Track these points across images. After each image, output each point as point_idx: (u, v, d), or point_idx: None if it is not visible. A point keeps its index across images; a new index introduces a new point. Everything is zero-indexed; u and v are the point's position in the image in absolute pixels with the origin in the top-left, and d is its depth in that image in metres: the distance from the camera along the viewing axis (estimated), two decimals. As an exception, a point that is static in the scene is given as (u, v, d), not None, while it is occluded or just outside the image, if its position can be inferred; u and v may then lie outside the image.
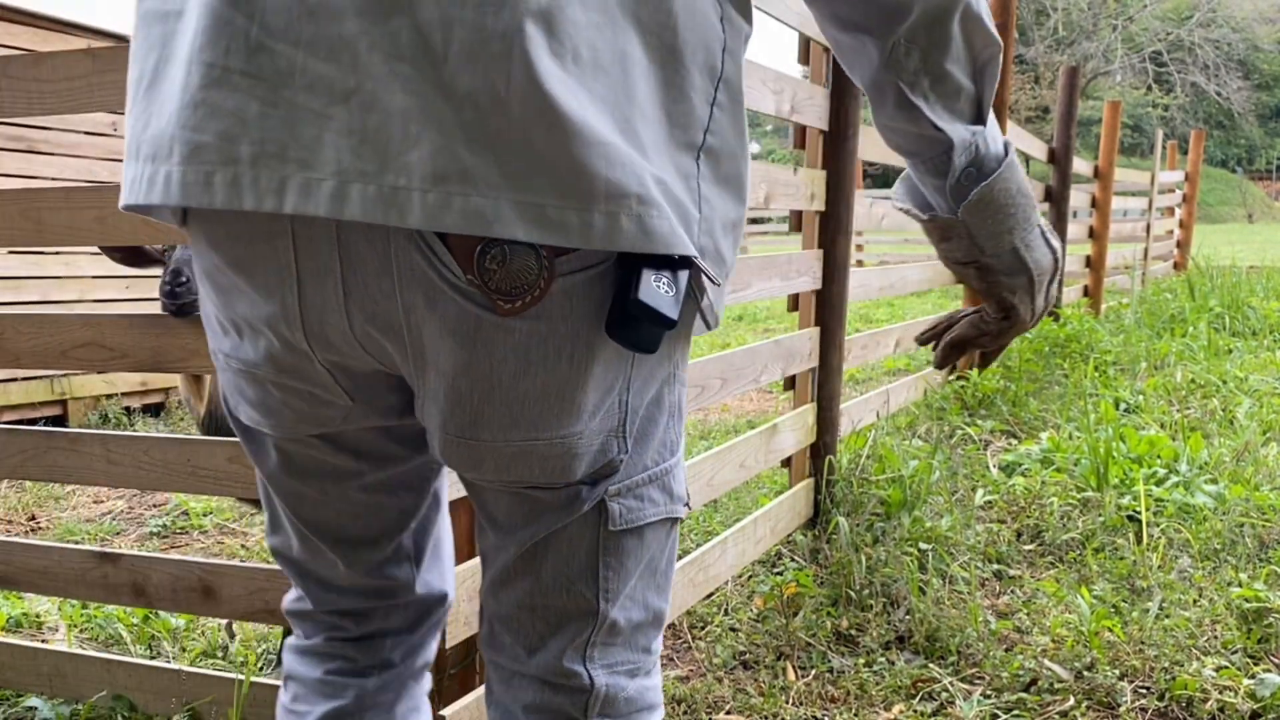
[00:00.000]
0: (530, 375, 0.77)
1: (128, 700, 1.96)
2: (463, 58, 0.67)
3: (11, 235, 1.86)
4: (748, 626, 2.42)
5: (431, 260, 0.73)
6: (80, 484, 2.17)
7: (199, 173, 0.72)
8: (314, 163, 0.69)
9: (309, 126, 0.69)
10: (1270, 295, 7.25)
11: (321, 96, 0.69)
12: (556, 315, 0.75)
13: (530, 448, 0.80)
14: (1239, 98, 37.39)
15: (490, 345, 0.75)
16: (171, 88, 0.74)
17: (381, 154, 0.68)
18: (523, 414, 0.78)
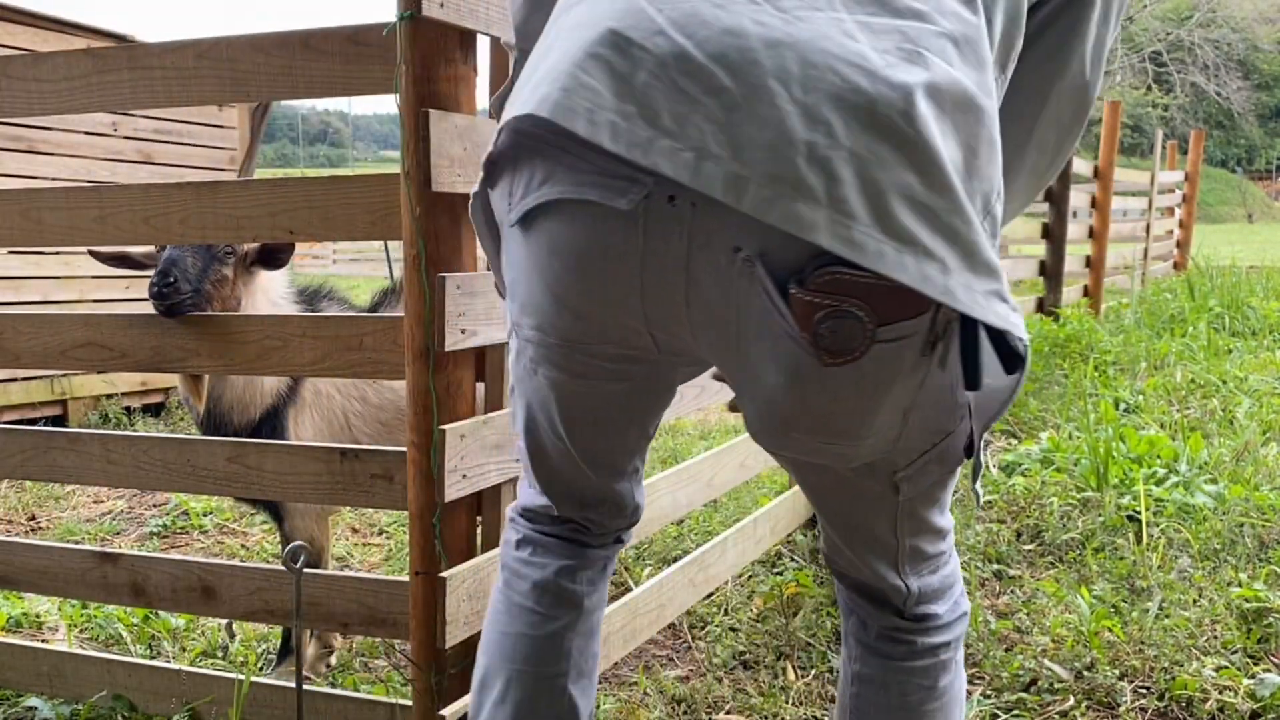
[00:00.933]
0: (837, 404, 0.94)
1: (128, 700, 1.96)
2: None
3: (12, 235, 1.86)
4: (748, 626, 2.42)
5: (770, 308, 0.88)
6: (80, 484, 2.17)
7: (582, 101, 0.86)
8: (679, 134, 0.84)
9: (680, 104, 0.86)
10: (1270, 295, 7.25)
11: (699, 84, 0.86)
12: (867, 368, 0.90)
13: (825, 448, 1.00)
14: (1239, 98, 37.41)
15: (806, 380, 0.92)
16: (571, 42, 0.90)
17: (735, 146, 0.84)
18: (825, 427, 0.97)
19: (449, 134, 1.48)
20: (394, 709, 1.73)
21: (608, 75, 0.86)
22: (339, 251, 19.85)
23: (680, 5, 0.87)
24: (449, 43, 1.48)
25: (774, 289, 0.87)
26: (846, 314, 0.85)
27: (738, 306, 0.91)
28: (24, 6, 4.62)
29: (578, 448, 1.15)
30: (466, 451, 1.56)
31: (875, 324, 0.86)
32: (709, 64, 0.84)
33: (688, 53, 0.85)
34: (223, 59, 1.65)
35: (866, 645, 1.20)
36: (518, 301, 1.04)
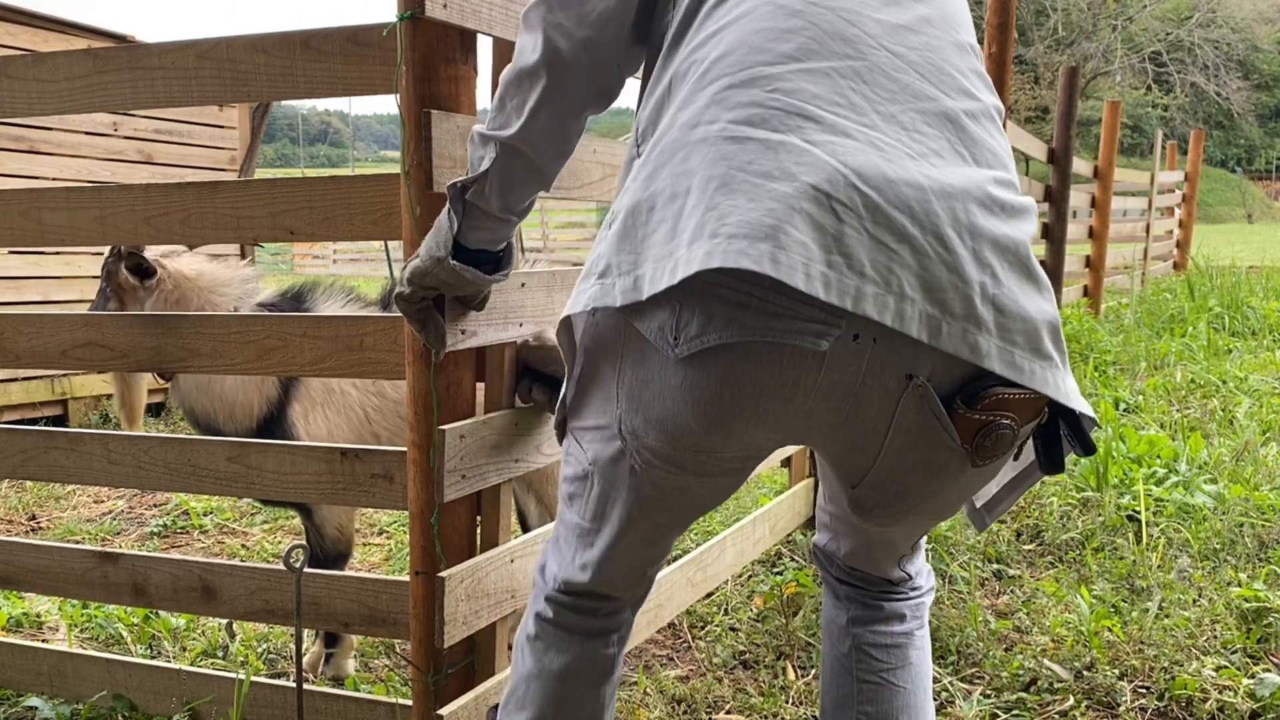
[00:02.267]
0: (963, 491, 1.14)
1: (128, 700, 1.96)
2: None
3: (12, 235, 1.87)
4: (748, 626, 2.42)
5: (933, 425, 1.03)
6: (81, 484, 2.17)
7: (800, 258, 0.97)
8: (886, 283, 0.97)
9: (880, 254, 0.98)
10: (1270, 295, 7.25)
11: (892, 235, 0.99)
12: (996, 464, 1.09)
13: (934, 521, 1.26)
14: (1238, 98, 37.38)
15: (947, 477, 1.09)
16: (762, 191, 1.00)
17: (937, 299, 0.99)
18: (944, 509, 1.20)
19: (451, 134, 1.48)
20: (394, 709, 1.73)
21: (812, 229, 0.94)
22: (339, 251, 19.85)
23: (858, 158, 0.97)
24: (449, 43, 1.48)
25: (941, 409, 1.02)
26: (1003, 426, 1.03)
27: (895, 422, 1.04)
28: (24, 7, 4.62)
29: (663, 532, 1.25)
30: (466, 452, 1.56)
31: (1019, 429, 1.04)
32: (898, 215, 0.96)
33: (879, 205, 0.96)
34: (223, 59, 1.65)
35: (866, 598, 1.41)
36: (645, 416, 1.10)
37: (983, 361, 0.97)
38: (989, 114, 1.09)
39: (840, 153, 0.97)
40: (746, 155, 0.98)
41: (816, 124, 0.99)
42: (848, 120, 1.00)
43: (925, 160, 1.00)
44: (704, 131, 1.02)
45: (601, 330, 1.14)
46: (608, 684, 1.34)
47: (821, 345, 0.98)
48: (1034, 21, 34.79)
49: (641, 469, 1.14)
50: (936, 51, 1.08)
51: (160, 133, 5.20)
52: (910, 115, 1.02)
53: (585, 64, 1.18)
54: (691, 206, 0.99)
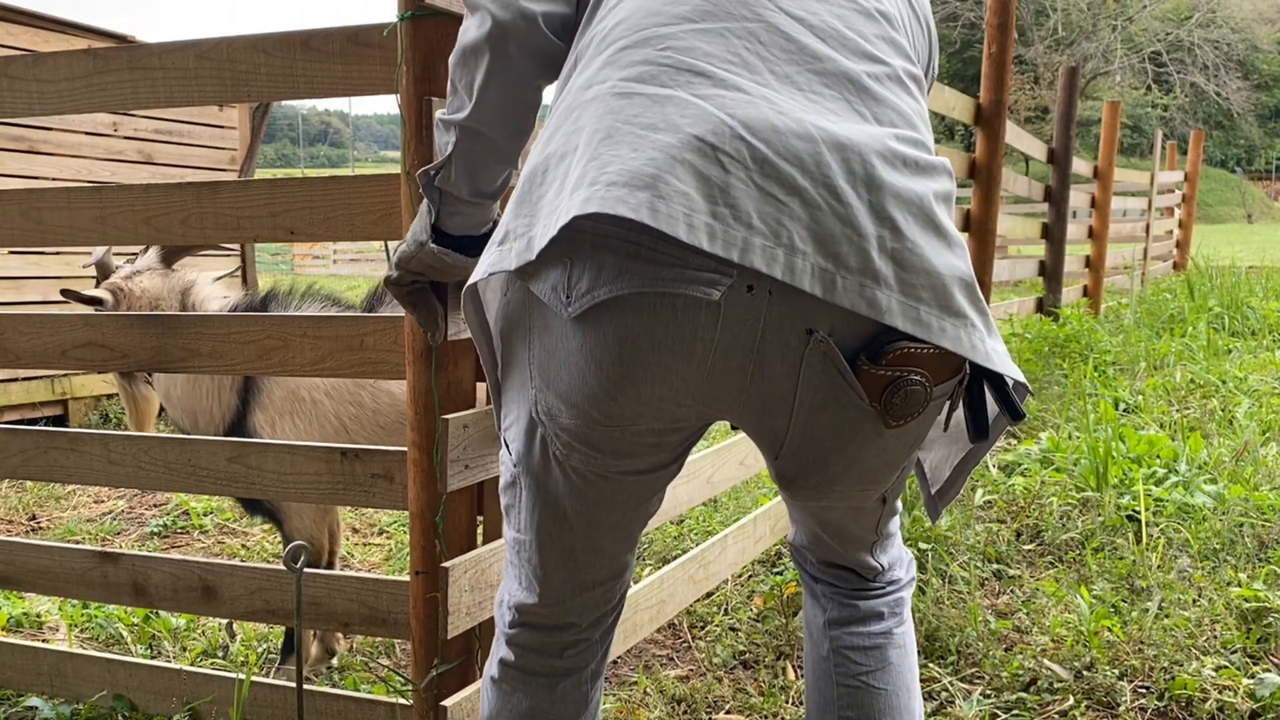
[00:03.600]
0: (884, 456, 1.10)
1: (128, 700, 1.96)
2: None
3: (12, 235, 1.87)
4: (748, 626, 2.42)
5: (838, 382, 1.00)
6: (81, 484, 2.17)
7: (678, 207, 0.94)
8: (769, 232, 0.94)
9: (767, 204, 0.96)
10: (1269, 295, 7.25)
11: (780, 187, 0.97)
12: (914, 425, 1.06)
13: (860, 493, 1.18)
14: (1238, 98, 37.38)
15: (865, 442, 1.06)
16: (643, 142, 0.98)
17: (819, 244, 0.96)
18: (868, 477, 1.14)
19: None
20: (394, 709, 1.73)
21: (696, 179, 0.92)
22: (339, 251, 19.86)
23: (747, 110, 0.96)
24: (449, 42, 1.48)
25: (845, 365, 0.99)
26: (912, 383, 0.99)
27: (802, 381, 1.01)
28: (25, 7, 4.62)
29: (600, 530, 1.18)
30: (469, 442, 1.56)
31: (931, 387, 1.01)
32: (787, 167, 0.94)
33: (768, 157, 0.94)
34: (223, 59, 1.66)
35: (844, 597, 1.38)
36: (555, 390, 1.06)
37: (883, 317, 0.93)
38: (896, 77, 1.06)
39: (728, 105, 0.95)
40: (633, 109, 0.97)
41: (707, 79, 0.98)
42: (740, 77, 0.98)
43: (821, 115, 0.97)
44: (595, 91, 1.02)
45: (511, 308, 1.11)
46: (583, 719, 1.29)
47: (713, 295, 0.95)
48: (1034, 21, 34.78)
49: (562, 455, 1.11)
50: (841, 18, 1.06)
51: (160, 133, 5.20)
52: (806, 76, 1.01)
53: (525, 32, 1.16)
54: (577, 160, 0.98)
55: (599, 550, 1.20)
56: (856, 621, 1.35)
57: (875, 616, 1.36)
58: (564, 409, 1.06)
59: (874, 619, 1.35)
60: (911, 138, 1.02)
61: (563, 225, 0.94)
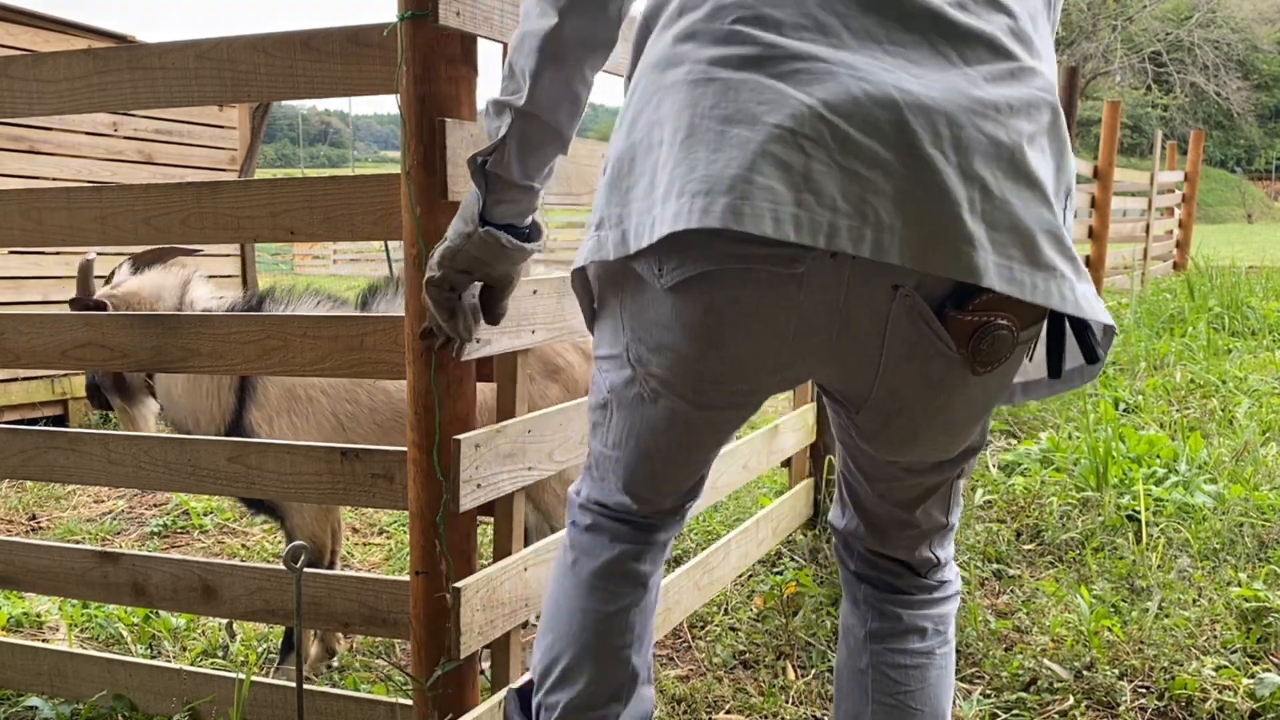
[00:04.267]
0: (969, 405, 1.11)
1: (128, 700, 1.96)
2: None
3: (12, 235, 1.87)
4: (748, 626, 2.42)
5: (926, 334, 1.01)
6: (81, 484, 2.18)
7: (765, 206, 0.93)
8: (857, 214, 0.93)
9: (852, 184, 0.93)
10: (1269, 295, 7.25)
11: (863, 163, 0.93)
12: (999, 371, 1.06)
13: (945, 446, 1.17)
14: (1238, 98, 37.38)
15: (950, 388, 1.07)
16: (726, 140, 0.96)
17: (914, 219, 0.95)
18: (951, 429, 1.14)
19: (465, 143, 1.48)
20: (394, 709, 1.73)
21: (778, 170, 0.93)
22: (339, 251, 19.86)
23: (825, 86, 0.95)
24: (449, 43, 1.48)
25: (932, 316, 1.00)
26: (999, 328, 1.00)
27: (889, 335, 1.02)
28: (25, 7, 4.62)
29: (680, 459, 1.26)
30: (481, 461, 1.56)
31: (1018, 332, 1.01)
32: (869, 141, 0.93)
33: (849, 135, 0.93)
34: (223, 59, 1.65)
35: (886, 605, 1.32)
36: (647, 344, 1.12)
37: (981, 279, 0.93)
38: None
39: (805, 83, 0.95)
40: (709, 99, 0.98)
41: (780, 54, 0.97)
42: (815, 45, 0.97)
43: (904, 72, 0.95)
44: (671, 76, 1.02)
45: (607, 268, 1.16)
46: (637, 609, 1.30)
47: (797, 269, 0.98)
48: (1034, 21, 34.70)
49: (650, 397, 1.16)
50: None
51: (160, 133, 5.20)
52: (884, 23, 0.98)
53: (585, 25, 1.17)
54: (664, 158, 1.00)
55: (679, 465, 1.27)
56: (899, 636, 1.30)
57: (918, 632, 1.30)
58: (654, 361, 1.12)
59: (917, 635, 1.30)
60: (1005, 70, 0.99)
61: (660, 236, 0.98)
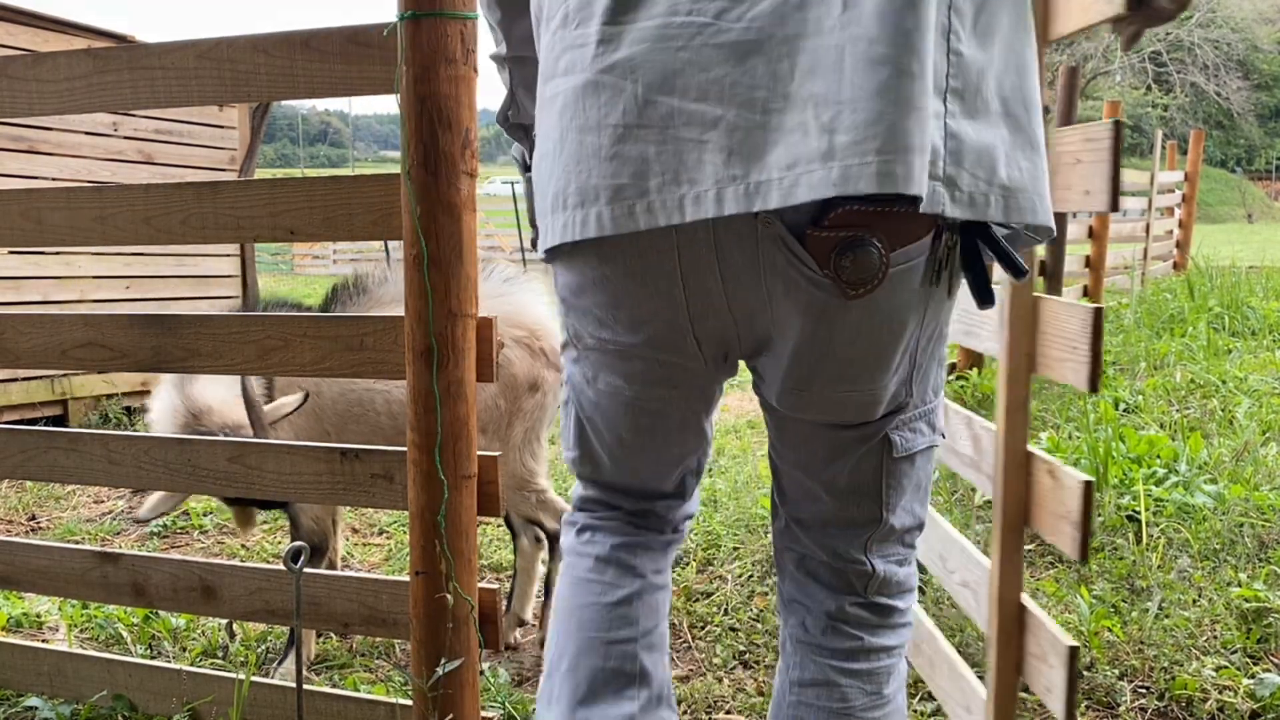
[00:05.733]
0: (859, 343, 1.03)
1: (128, 700, 1.96)
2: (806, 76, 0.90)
3: (12, 235, 1.86)
4: (747, 626, 2.42)
5: (791, 259, 0.98)
6: (81, 484, 2.16)
7: (623, 207, 0.97)
8: (699, 179, 0.93)
9: (692, 153, 0.94)
10: (1270, 295, 7.25)
11: (696, 128, 0.93)
12: (881, 299, 0.99)
13: (848, 397, 1.08)
14: (1238, 98, 37.39)
15: (831, 322, 1.01)
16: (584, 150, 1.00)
17: (746, 160, 0.91)
18: (848, 372, 1.06)
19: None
20: (394, 709, 1.73)
21: (625, 165, 0.97)
22: (339, 251, 19.87)
23: (649, 60, 0.96)
24: (449, 43, 1.48)
25: (792, 238, 0.97)
26: (863, 242, 0.94)
27: (764, 268, 1.00)
28: (24, 7, 4.62)
29: (636, 445, 1.22)
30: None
31: (888, 250, 0.95)
32: (700, 105, 0.93)
33: (679, 106, 0.94)
34: (223, 59, 1.66)
35: (809, 645, 1.21)
36: (574, 313, 1.15)
37: (819, 193, 0.88)
38: None
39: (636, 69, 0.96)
40: (569, 113, 1.02)
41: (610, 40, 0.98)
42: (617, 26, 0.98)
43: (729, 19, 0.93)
44: (547, 92, 1.07)
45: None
46: (639, 601, 1.24)
47: (666, 244, 1.02)
48: (1034, 21, 34.74)
49: (591, 375, 1.18)
50: None
51: (160, 133, 5.20)
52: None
53: None
54: (548, 171, 1.06)
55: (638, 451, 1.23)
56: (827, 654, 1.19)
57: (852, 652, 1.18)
58: (584, 330, 1.15)
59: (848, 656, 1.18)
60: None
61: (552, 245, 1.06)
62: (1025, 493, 1.51)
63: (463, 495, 1.59)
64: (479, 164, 1.55)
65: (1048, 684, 1.44)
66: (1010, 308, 1.49)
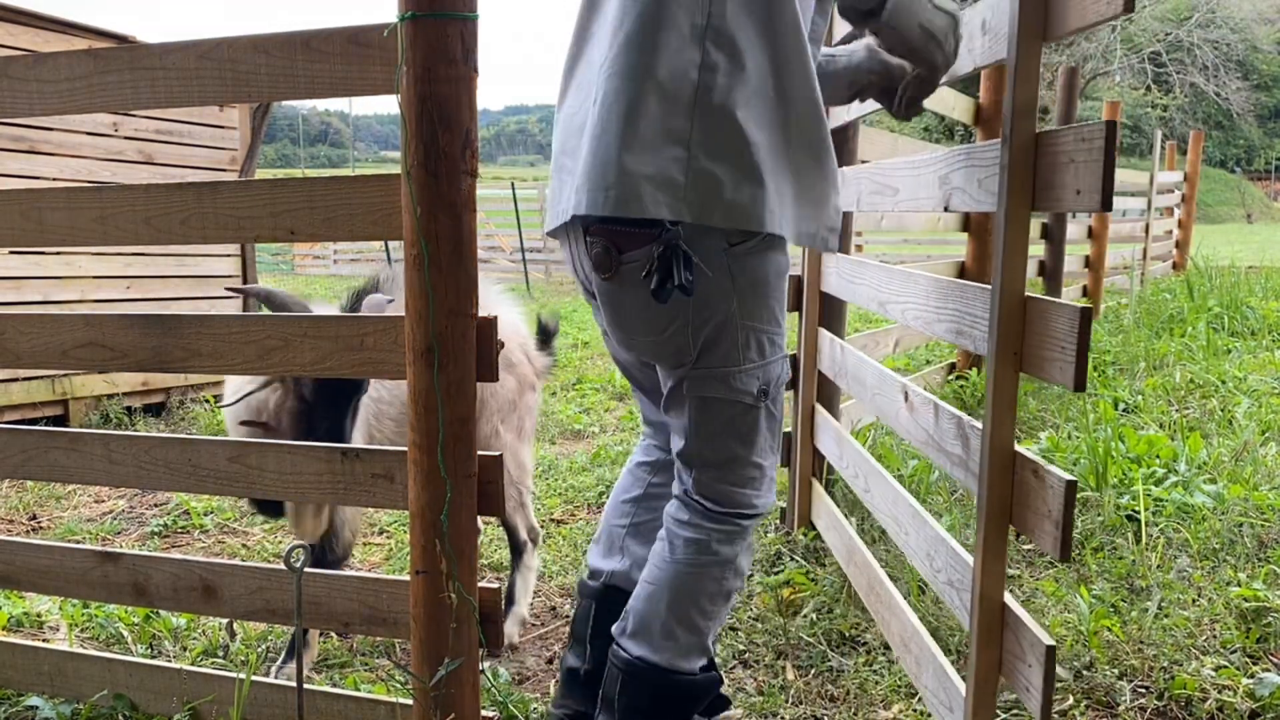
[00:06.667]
0: (624, 311, 1.62)
1: (128, 699, 1.97)
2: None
3: (13, 235, 1.87)
4: (747, 625, 2.42)
5: (582, 250, 1.61)
6: (81, 483, 2.17)
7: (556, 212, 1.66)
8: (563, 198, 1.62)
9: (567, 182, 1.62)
10: (1269, 295, 7.26)
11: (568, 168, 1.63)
12: (626, 284, 1.57)
13: (641, 344, 1.66)
14: (1238, 98, 37.38)
15: (603, 292, 1.62)
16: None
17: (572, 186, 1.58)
18: (629, 327, 1.64)
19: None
20: (394, 708, 1.73)
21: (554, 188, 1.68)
22: (339, 251, 19.85)
23: (562, 123, 1.67)
24: (449, 43, 1.48)
25: (583, 244, 1.60)
26: (596, 244, 1.56)
27: (581, 255, 1.63)
28: (25, 7, 4.62)
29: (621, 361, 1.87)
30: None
31: (619, 252, 1.54)
32: (562, 158, 1.65)
33: (559, 155, 1.66)
34: (224, 60, 1.66)
35: (654, 486, 1.92)
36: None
37: (584, 210, 1.52)
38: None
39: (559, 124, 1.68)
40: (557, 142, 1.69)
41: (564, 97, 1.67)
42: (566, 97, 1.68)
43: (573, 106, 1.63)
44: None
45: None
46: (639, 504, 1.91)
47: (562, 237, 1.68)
48: (1034, 22, 34.67)
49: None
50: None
51: (161, 133, 5.21)
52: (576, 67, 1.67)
53: None
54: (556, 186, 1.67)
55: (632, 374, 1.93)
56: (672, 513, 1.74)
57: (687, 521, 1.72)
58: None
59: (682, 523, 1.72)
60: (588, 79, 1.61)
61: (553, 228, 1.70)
62: (1010, 492, 1.51)
63: (464, 495, 1.59)
64: (479, 164, 1.55)
65: (1026, 683, 1.45)
66: (1000, 307, 1.49)
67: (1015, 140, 1.47)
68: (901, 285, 2.11)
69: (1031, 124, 1.47)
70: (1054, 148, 1.41)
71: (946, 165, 1.82)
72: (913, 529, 1.98)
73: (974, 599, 1.56)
